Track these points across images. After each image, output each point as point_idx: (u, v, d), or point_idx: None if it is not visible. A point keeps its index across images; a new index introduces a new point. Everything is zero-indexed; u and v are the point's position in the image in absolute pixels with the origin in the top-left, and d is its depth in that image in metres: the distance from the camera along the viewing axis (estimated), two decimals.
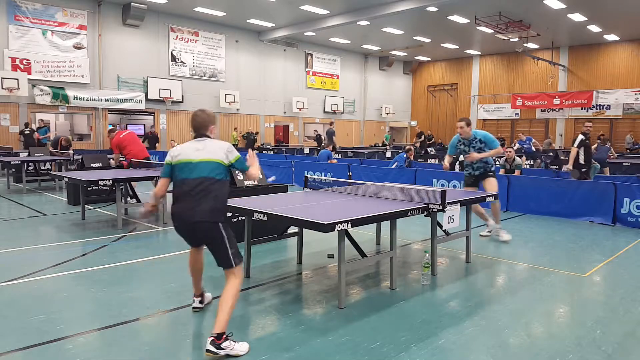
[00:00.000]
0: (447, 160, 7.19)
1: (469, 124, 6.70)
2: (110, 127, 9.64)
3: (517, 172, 10.32)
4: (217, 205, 3.53)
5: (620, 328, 3.81)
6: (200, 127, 3.74)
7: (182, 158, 3.60)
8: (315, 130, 28.00)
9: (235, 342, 3.28)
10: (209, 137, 3.75)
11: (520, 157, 12.61)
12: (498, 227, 6.83)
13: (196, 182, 3.50)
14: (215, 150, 3.61)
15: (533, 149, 17.59)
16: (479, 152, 6.65)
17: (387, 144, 27.59)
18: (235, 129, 23.61)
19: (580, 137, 9.25)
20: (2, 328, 3.66)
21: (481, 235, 6.96)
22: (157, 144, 20.57)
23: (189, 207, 3.48)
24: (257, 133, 23.91)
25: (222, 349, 3.21)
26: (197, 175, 3.52)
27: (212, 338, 3.23)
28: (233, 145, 22.44)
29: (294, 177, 13.34)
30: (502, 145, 11.75)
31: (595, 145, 14.86)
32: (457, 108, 30.86)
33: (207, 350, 3.20)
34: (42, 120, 17.24)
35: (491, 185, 6.68)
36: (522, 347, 3.46)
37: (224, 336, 3.25)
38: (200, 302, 4.06)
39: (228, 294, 3.39)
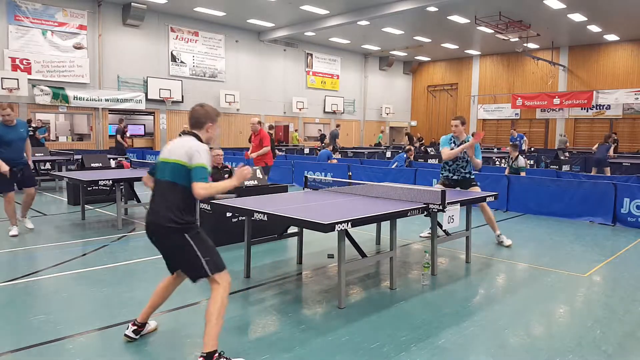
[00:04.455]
0: (450, 152, 6.45)
1: (463, 123, 6.45)
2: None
3: (522, 174, 10.22)
4: (174, 212, 3.21)
5: (620, 328, 3.81)
6: (194, 124, 3.47)
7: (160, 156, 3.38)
8: (320, 130, 28.03)
9: (228, 359, 3.10)
10: (196, 135, 3.43)
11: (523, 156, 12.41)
12: (498, 234, 6.59)
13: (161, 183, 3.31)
14: (177, 149, 3.31)
15: (524, 147, 17.23)
16: (461, 160, 6.42)
17: (381, 143, 27.19)
18: (295, 130, 23.35)
19: None
20: (2, 328, 3.66)
21: (420, 236, 6.92)
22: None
23: (152, 209, 3.28)
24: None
25: None
26: (161, 177, 3.32)
27: (202, 358, 3.00)
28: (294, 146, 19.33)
29: (293, 177, 13.34)
30: (516, 146, 11.55)
31: (596, 146, 14.82)
32: (457, 108, 30.85)
33: None
34: (40, 120, 17.22)
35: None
36: (522, 347, 3.46)
37: (215, 355, 3.03)
38: (135, 332, 3.48)
39: (211, 306, 3.12)
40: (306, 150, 21.40)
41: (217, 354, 3.05)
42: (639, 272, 5.40)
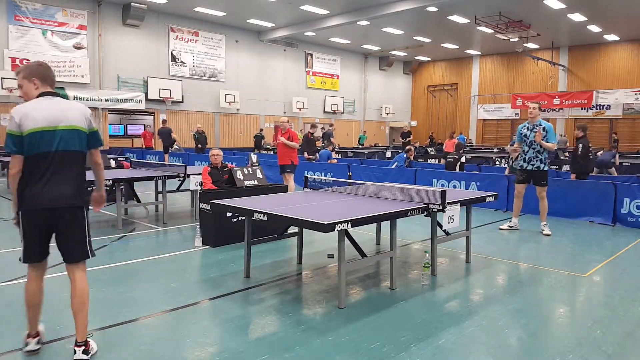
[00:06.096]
0: (516, 145, 7.42)
1: (541, 108, 7.17)
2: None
3: None
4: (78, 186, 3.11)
5: (620, 328, 3.81)
6: (51, 80, 3.18)
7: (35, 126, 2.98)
8: (322, 128, 28.02)
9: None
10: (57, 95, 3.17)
11: None
12: (544, 224, 7.28)
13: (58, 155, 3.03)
14: (71, 113, 3.09)
15: None
16: (533, 143, 7.06)
17: (362, 144, 26.81)
18: (301, 130, 23.15)
19: None
20: (2, 328, 3.66)
21: (501, 229, 7.52)
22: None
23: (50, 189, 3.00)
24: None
25: (89, 352, 3.14)
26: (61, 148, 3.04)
27: (83, 347, 3.08)
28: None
29: (294, 177, 13.31)
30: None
31: (601, 152, 14.77)
32: (457, 108, 30.86)
33: None
34: None
35: (541, 191, 7.16)
36: (522, 347, 3.46)
37: (88, 340, 3.17)
38: (38, 341, 3.26)
39: (84, 293, 3.14)
40: None
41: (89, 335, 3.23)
42: (639, 272, 5.40)
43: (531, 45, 24.57)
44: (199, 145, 18.22)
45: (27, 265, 3.23)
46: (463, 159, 11.86)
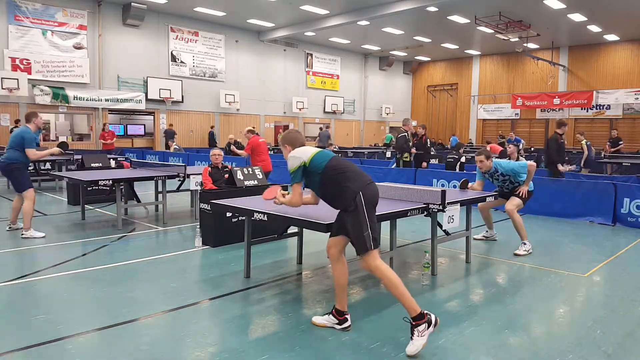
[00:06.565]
0: (477, 184, 6.42)
1: (488, 157, 6.21)
2: (250, 128, 9.68)
3: None
4: None
5: (620, 328, 3.81)
6: None
7: None
8: (320, 128, 28.04)
9: None
10: None
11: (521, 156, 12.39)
12: (524, 242, 6.18)
13: None
14: None
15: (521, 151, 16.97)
16: (503, 183, 6.30)
17: (389, 144, 26.84)
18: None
19: None
20: (2, 328, 3.66)
21: (475, 238, 6.71)
22: None
23: None
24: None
25: None
26: None
27: None
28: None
29: None
30: (517, 146, 11.56)
31: (586, 151, 14.75)
32: (457, 108, 30.84)
33: None
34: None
35: (511, 201, 6.20)
36: (522, 347, 3.46)
37: None
38: None
39: None
40: None
41: None
42: (639, 272, 5.40)
43: (531, 45, 24.56)
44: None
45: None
46: (463, 159, 11.86)
